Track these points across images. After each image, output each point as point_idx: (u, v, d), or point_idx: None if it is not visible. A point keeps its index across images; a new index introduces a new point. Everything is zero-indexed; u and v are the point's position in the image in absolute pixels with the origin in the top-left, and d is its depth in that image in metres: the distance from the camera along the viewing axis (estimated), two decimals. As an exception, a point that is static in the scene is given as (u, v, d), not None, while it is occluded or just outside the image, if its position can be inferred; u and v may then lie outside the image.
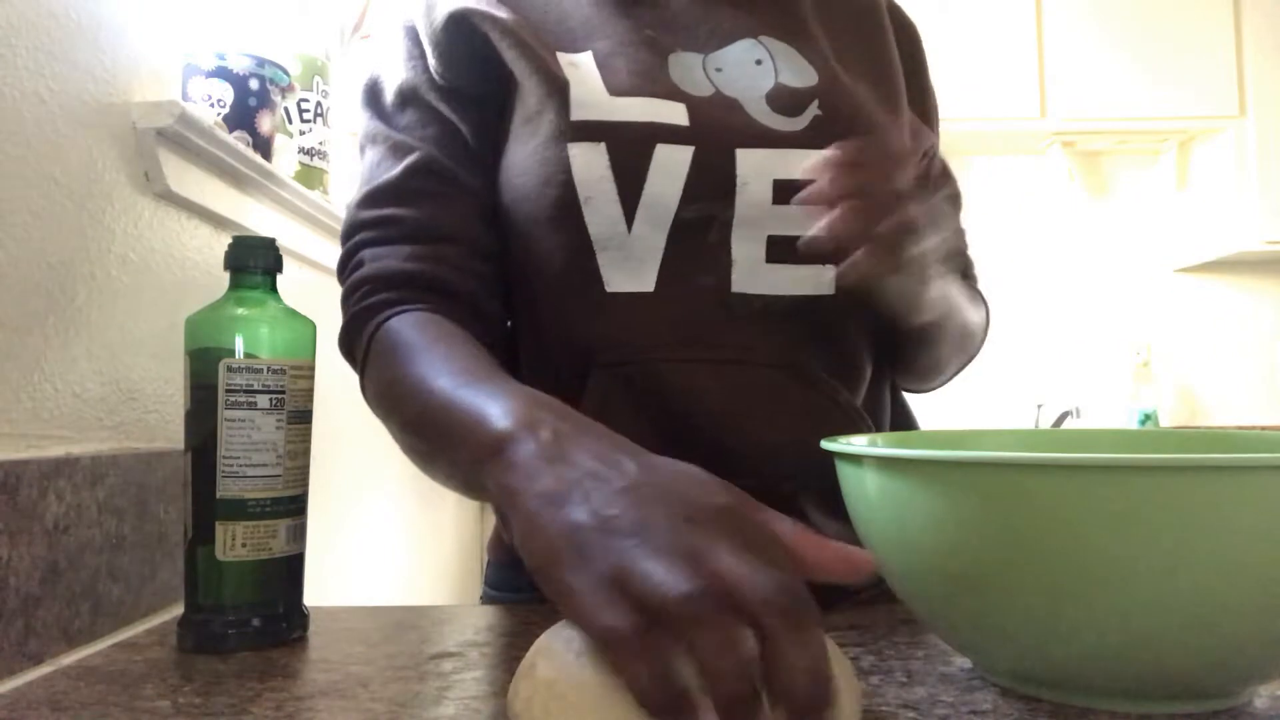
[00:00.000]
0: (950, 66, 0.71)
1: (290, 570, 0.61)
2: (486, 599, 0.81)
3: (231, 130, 0.85)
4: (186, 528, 0.59)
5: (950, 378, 0.77)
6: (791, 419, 0.65)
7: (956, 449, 0.56)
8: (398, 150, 0.67)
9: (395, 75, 0.70)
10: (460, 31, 0.67)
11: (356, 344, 0.64)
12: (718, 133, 0.64)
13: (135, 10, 0.73)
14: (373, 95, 0.71)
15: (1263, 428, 2.98)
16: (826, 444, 0.52)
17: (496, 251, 0.68)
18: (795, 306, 0.65)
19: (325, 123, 1.10)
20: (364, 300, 0.64)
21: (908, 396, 0.81)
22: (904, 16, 0.80)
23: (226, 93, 0.85)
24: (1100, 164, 3.11)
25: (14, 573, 0.55)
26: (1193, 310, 3.08)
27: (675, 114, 0.64)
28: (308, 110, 1.08)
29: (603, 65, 0.66)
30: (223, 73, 0.84)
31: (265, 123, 0.88)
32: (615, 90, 0.65)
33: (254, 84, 0.86)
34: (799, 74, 0.68)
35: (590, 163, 0.63)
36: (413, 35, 0.70)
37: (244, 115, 0.86)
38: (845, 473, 0.51)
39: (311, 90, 1.08)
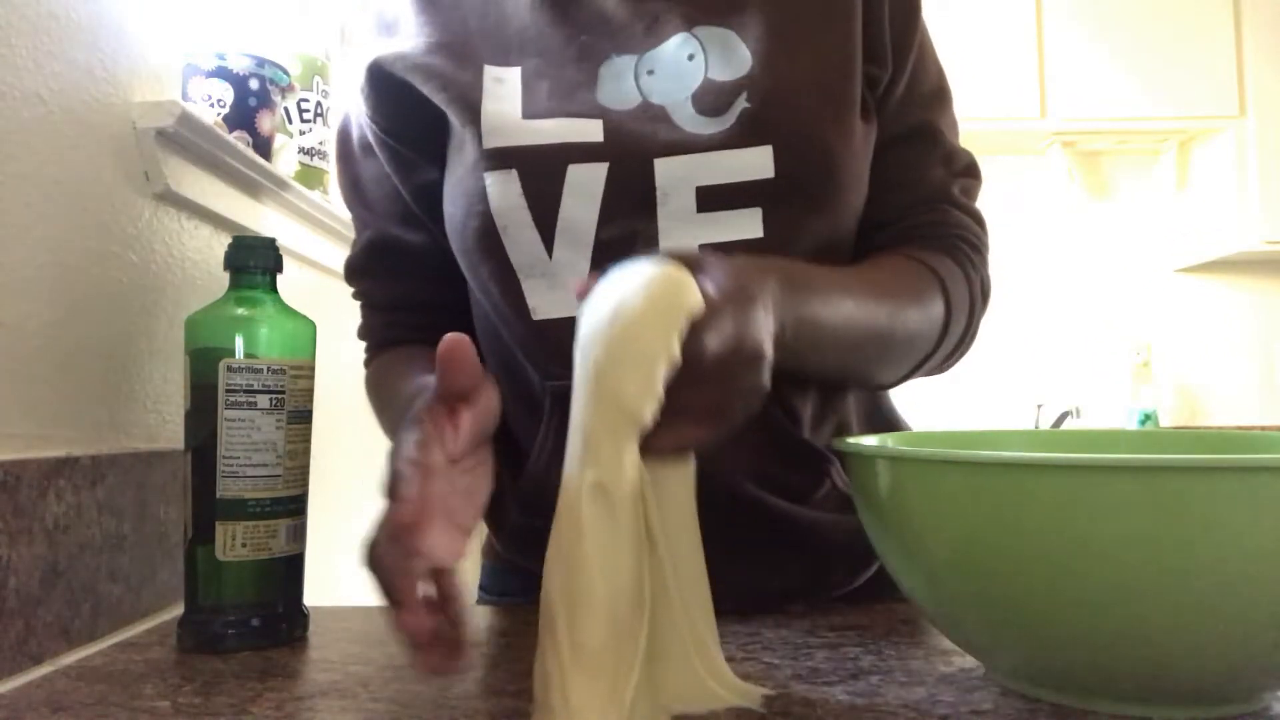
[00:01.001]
0: (950, 67, 0.71)
1: (290, 570, 0.61)
2: (480, 601, 0.81)
3: (231, 130, 0.85)
4: (186, 528, 0.60)
5: (909, 377, 0.70)
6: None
7: (962, 450, 0.56)
8: (361, 223, 0.76)
9: (357, 126, 0.74)
10: (382, 80, 0.69)
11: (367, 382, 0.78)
12: (633, 145, 0.62)
13: (135, 10, 0.73)
14: (344, 140, 0.76)
15: (1263, 428, 2.98)
16: (839, 444, 0.52)
17: (450, 297, 0.73)
18: None
19: (325, 123, 1.10)
20: (366, 346, 0.79)
21: (905, 394, 0.80)
22: None
23: (226, 93, 0.84)
24: (1100, 164, 3.11)
25: (14, 573, 0.55)
26: (1193, 310, 3.08)
27: (590, 131, 0.62)
28: (308, 110, 1.08)
29: (527, 84, 0.65)
30: (223, 73, 0.84)
31: (265, 123, 0.88)
32: (530, 113, 0.63)
33: (254, 84, 0.86)
34: (730, 63, 0.64)
35: (505, 191, 0.62)
36: (361, 88, 0.72)
37: (244, 115, 0.86)
38: (855, 472, 0.51)
39: (311, 90, 1.08)
